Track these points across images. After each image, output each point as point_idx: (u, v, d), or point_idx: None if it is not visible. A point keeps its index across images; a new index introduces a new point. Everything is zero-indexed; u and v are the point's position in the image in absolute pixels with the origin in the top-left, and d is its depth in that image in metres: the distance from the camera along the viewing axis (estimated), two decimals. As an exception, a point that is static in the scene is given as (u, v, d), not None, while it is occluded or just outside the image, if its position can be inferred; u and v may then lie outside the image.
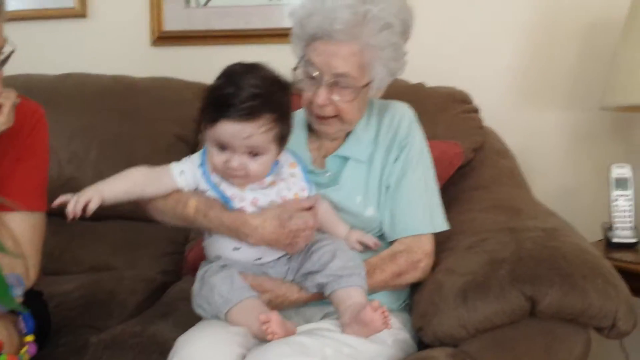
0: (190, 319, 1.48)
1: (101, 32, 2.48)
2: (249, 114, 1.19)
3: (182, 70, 2.32)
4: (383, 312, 1.18)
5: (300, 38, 1.40)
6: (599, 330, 1.24)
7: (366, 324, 1.19)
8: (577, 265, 1.25)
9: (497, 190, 1.75)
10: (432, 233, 1.43)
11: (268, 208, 1.28)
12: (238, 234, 1.28)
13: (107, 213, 2.01)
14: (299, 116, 1.48)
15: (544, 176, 2.19)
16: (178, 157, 2.05)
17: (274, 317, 1.16)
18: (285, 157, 1.34)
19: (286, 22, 2.28)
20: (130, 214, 2.08)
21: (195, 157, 1.33)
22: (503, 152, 1.98)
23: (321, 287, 1.29)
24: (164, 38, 2.44)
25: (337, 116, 1.39)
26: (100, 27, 2.48)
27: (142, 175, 1.31)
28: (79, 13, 2.46)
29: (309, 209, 1.32)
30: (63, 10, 2.47)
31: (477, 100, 2.06)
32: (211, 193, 1.29)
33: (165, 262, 1.94)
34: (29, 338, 1.29)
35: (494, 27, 2.22)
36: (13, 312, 1.29)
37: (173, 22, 2.43)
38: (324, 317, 1.34)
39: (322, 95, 1.36)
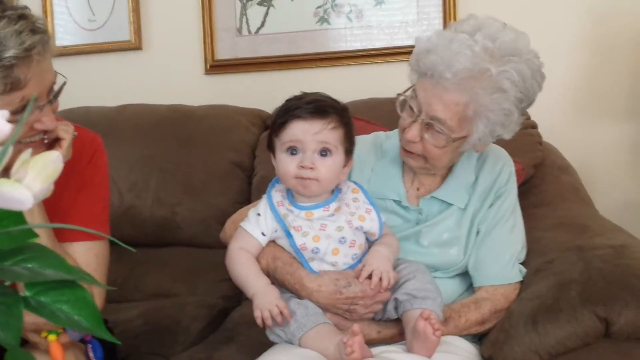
0: (254, 344, 1.49)
1: (156, 63, 2.54)
2: (317, 112, 1.26)
3: (235, 97, 2.36)
4: (431, 320, 1.17)
5: (414, 70, 1.37)
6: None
7: (419, 335, 1.18)
8: (650, 283, 1.20)
9: (561, 207, 1.70)
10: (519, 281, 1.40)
11: (327, 271, 1.29)
12: (299, 295, 1.30)
13: (167, 240, 2.11)
14: (394, 149, 1.47)
15: (606, 192, 2.13)
16: (234, 183, 2.13)
17: (360, 337, 1.15)
18: (347, 185, 1.35)
19: (333, 46, 2.38)
20: (189, 241, 2.13)
21: (263, 202, 1.33)
22: (564, 168, 1.93)
23: (397, 306, 1.28)
24: (216, 66, 2.48)
25: (423, 156, 1.36)
26: (155, 59, 2.54)
27: (243, 252, 1.32)
28: (135, 46, 2.53)
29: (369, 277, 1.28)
30: (120, 44, 2.54)
31: (534, 115, 2.03)
32: (280, 233, 1.30)
33: (225, 287, 1.94)
34: (99, 366, 1.31)
35: (549, 42, 2.17)
36: (83, 341, 1.31)
37: (225, 51, 2.47)
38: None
39: (413, 131, 1.33)
